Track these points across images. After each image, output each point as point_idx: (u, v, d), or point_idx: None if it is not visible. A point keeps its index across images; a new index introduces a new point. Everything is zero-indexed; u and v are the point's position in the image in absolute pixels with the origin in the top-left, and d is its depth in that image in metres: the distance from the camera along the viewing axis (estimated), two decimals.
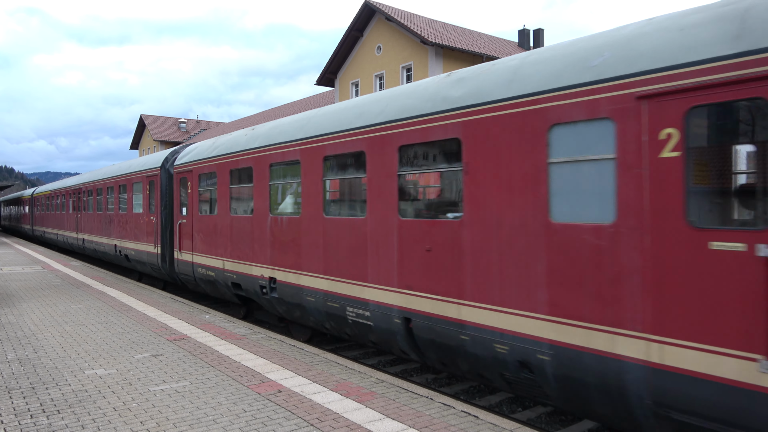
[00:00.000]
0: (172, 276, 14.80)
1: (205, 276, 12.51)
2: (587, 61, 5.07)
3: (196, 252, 12.91)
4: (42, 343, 8.48)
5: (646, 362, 4.47)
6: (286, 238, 9.38)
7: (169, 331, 9.35)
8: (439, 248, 6.43)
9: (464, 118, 6.12)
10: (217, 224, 11.89)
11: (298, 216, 9.05)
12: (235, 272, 11.09)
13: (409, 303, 6.85)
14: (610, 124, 4.74)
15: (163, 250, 14.93)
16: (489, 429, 5.20)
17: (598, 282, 4.81)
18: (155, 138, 65.84)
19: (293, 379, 6.66)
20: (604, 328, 4.79)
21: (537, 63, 5.67)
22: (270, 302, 10.04)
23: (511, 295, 5.63)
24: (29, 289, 14.31)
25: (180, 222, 13.86)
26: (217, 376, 6.83)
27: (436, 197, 7.49)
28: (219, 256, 11.73)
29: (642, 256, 4.50)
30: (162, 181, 15.01)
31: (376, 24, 35.71)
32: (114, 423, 5.29)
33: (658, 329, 4.41)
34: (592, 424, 6.44)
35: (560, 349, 5.14)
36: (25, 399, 5.98)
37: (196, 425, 5.25)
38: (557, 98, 5.21)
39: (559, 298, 5.16)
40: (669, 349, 4.34)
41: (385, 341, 7.55)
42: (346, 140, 7.98)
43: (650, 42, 4.63)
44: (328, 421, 5.34)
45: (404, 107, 7.06)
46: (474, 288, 6.03)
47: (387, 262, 7.22)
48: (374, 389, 6.34)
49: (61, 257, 24.53)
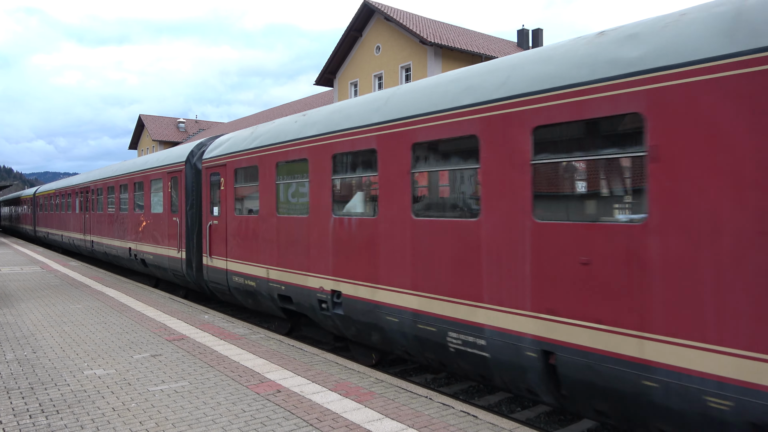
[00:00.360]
0: (199, 284, 13.18)
1: (242, 286, 10.92)
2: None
3: (232, 258, 11.30)
4: (41, 344, 8.47)
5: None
6: (355, 244, 7.84)
7: (168, 331, 9.34)
8: (604, 261, 4.89)
9: (650, 85, 4.61)
10: (259, 226, 10.30)
11: (373, 217, 7.53)
12: (283, 283, 9.52)
13: (551, 332, 5.33)
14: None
15: (189, 255, 13.31)
16: (488, 429, 5.20)
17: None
18: (154, 138, 65.79)
19: (292, 379, 6.66)
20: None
21: None
22: (331, 320, 8.45)
23: (745, 331, 4.07)
24: (28, 290, 14.29)
25: (211, 223, 12.20)
26: (216, 376, 6.83)
27: (596, 191, 5.71)
28: (262, 264, 10.18)
29: None
30: (187, 177, 13.32)
31: (375, 24, 35.71)
32: (113, 423, 5.29)
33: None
34: (591, 424, 6.45)
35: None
36: (24, 399, 5.98)
37: (195, 425, 5.24)
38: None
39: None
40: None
41: (506, 377, 5.97)
42: (447, 123, 6.47)
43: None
44: (327, 420, 5.34)
45: (539, 76, 5.55)
46: (668, 317, 4.48)
47: (514, 278, 5.68)
48: (373, 389, 6.34)
49: (59, 257, 24.49)
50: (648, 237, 4.63)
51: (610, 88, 4.89)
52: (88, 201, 23.24)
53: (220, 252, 11.86)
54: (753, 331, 4.01)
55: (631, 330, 4.71)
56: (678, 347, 4.41)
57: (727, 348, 4.14)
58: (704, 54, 4.29)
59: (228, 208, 11.52)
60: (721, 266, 4.20)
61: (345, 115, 8.26)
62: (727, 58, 4.15)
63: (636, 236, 4.71)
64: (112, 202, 19.85)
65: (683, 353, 4.37)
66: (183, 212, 13.48)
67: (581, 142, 5.52)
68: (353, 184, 8.49)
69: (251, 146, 10.66)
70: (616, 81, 4.85)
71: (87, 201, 23.39)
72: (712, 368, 4.20)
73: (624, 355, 4.74)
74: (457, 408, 5.75)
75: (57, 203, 30.19)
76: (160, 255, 15.05)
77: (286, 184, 9.76)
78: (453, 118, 6.39)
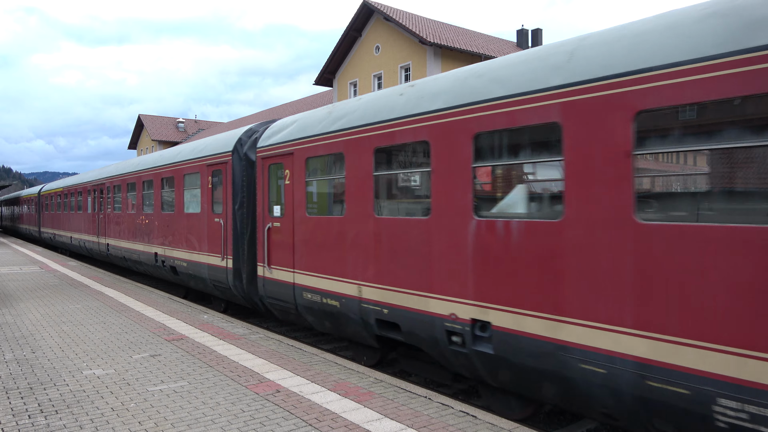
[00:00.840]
0: (250, 299, 11.00)
1: (317, 305, 8.68)
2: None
3: (301, 269, 9.06)
4: (40, 344, 8.47)
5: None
6: (517, 258, 5.62)
7: (167, 331, 9.34)
8: None
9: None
10: (346, 231, 8.07)
11: (554, 220, 5.26)
12: (385, 305, 7.30)
13: None
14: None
15: (237, 264, 11.02)
16: (487, 428, 5.20)
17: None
18: (153, 138, 65.80)
19: (291, 379, 6.66)
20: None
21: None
22: (466, 359, 6.25)
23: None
24: (27, 289, 14.29)
25: (270, 226, 9.97)
26: (215, 376, 6.82)
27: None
28: (350, 279, 8.00)
29: None
30: (235, 170, 11.04)
31: (374, 24, 35.73)
32: (112, 423, 5.29)
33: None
34: (591, 424, 6.45)
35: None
36: (23, 399, 5.97)
37: (194, 425, 5.24)
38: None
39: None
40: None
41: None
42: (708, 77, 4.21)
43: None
44: (327, 420, 5.34)
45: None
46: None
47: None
48: (372, 389, 6.34)
49: (58, 257, 24.49)
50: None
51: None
52: (103, 200, 20.90)
53: (283, 261, 9.61)
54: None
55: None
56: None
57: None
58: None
59: (296, 207, 9.26)
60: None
61: (493, 79, 6.06)
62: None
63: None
64: (133, 201, 17.53)
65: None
66: (229, 212, 11.21)
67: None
68: (511, 175, 6.31)
69: (332, 129, 8.43)
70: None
71: (102, 200, 21.05)
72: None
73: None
74: (456, 408, 5.75)
75: (65, 202, 27.71)
76: (197, 263, 12.67)
77: (390, 175, 7.85)
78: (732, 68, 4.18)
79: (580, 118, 5.05)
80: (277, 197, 9.96)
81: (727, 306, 4.07)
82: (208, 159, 12.24)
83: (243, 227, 10.92)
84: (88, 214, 23.15)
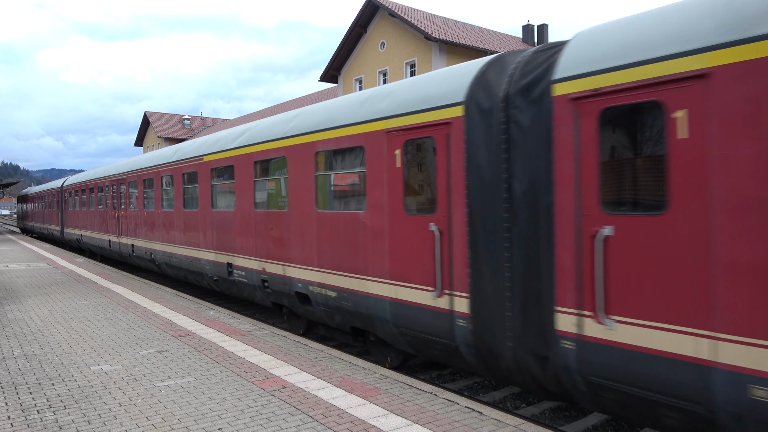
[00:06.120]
0: (541, 385, 5.72)
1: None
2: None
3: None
4: (48, 339, 8.53)
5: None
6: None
7: (174, 328, 9.39)
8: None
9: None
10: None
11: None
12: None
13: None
14: None
15: (486, 309, 6.01)
16: (493, 425, 5.20)
17: None
18: (159, 135, 66.02)
19: (298, 375, 6.68)
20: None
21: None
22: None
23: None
24: (35, 286, 14.39)
25: (609, 233, 4.79)
26: (221, 371, 6.85)
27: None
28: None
29: None
30: (475, 135, 6.10)
31: (379, 20, 35.62)
32: (120, 418, 5.32)
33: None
34: (596, 420, 6.44)
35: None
36: (31, 394, 6.02)
37: (201, 420, 5.27)
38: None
39: None
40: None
41: None
42: None
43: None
44: (333, 416, 5.36)
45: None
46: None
47: None
48: (378, 385, 6.35)
49: (66, 254, 24.61)
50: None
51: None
52: (159, 193, 15.59)
53: (686, 309, 4.31)
54: None
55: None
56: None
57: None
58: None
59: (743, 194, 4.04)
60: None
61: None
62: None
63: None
64: (227, 195, 11.73)
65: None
66: (457, 211, 6.32)
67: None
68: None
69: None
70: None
71: (155, 193, 15.87)
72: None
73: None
74: (461, 404, 5.76)
75: (96, 197, 22.23)
76: (358, 293, 7.86)
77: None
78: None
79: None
80: (630, 177, 4.84)
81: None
82: (396, 123, 7.13)
83: (496, 237, 5.89)
84: (130, 214, 18.17)
